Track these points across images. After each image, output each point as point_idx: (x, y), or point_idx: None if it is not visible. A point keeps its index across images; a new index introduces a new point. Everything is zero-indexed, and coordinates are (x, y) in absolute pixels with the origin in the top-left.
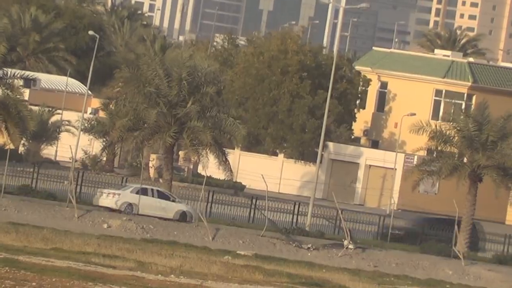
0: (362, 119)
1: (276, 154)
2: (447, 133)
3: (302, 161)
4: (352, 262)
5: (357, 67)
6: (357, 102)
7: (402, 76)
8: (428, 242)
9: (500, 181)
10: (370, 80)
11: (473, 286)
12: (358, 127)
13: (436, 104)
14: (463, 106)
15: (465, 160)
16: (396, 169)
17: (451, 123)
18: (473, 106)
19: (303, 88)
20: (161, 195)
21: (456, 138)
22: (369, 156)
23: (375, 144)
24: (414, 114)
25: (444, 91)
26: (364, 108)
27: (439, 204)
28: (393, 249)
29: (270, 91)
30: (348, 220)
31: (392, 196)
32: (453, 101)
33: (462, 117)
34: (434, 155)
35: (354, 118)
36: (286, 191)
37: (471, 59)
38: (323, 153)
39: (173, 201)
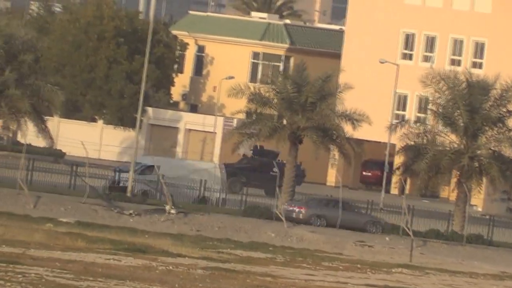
0: (181, 84)
1: (95, 121)
2: (266, 95)
3: (122, 127)
4: (175, 227)
5: (174, 32)
6: (175, 66)
7: (219, 40)
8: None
9: (320, 143)
10: (187, 44)
11: (296, 248)
12: (176, 92)
13: (254, 67)
14: (281, 68)
15: (284, 122)
16: (216, 132)
17: (270, 85)
18: (291, 68)
19: (120, 53)
20: None
21: (275, 100)
22: (188, 120)
23: (194, 108)
24: (233, 77)
25: (261, 54)
26: (182, 72)
27: None
28: (216, 213)
29: (87, 58)
30: (169, 185)
31: (213, 159)
32: (271, 63)
33: (280, 79)
34: (254, 117)
35: (172, 83)
36: (107, 157)
37: (287, 21)
38: (142, 118)
39: None
